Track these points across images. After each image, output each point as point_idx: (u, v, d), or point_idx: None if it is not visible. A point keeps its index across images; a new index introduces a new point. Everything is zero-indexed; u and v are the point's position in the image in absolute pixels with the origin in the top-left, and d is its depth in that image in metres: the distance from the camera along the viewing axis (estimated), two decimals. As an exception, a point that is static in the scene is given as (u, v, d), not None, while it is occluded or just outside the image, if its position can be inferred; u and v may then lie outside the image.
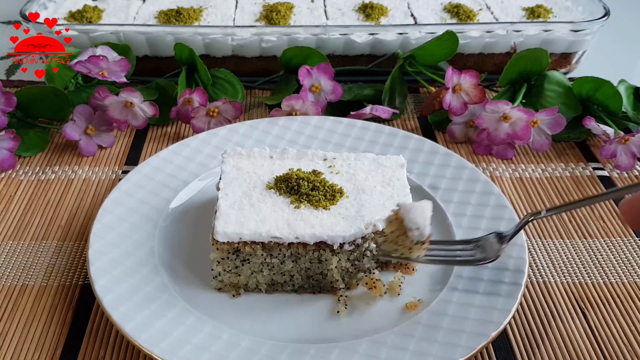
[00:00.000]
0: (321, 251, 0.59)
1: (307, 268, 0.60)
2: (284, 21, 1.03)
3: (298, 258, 0.59)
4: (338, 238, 0.58)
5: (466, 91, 0.85)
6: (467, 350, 0.53)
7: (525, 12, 1.08)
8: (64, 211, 0.75)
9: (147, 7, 1.09)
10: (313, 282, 0.61)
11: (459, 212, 0.69)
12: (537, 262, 0.68)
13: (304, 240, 0.58)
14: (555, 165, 0.84)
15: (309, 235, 0.58)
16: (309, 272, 0.60)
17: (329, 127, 0.82)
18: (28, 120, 0.87)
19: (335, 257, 0.59)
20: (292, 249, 0.59)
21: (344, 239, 0.58)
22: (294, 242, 0.58)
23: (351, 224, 0.59)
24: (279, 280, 0.61)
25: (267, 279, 0.61)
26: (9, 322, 0.60)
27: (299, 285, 0.61)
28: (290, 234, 0.58)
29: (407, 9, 1.10)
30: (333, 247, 0.58)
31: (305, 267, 0.60)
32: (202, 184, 0.74)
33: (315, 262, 0.60)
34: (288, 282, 0.61)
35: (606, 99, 0.87)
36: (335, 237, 0.58)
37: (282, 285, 0.62)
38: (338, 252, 0.59)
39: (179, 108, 0.87)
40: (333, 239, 0.58)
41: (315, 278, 0.61)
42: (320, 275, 0.61)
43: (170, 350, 0.53)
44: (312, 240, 0.58)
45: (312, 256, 0.59)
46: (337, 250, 0.59)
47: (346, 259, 0.60)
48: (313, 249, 0.58)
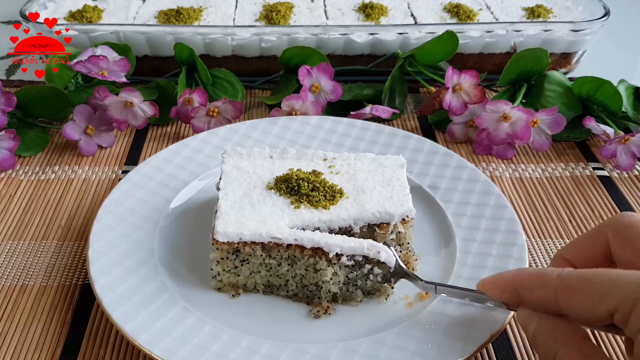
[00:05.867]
0: (317, 258, 0.57)
1: (302, 275, 0.59)
2: (284, 21, 1.03)
3: (294, 262, 0.58)
4: (335, 247, 0.57)
5: (466, 91, 0.85)
6: (467, 350, 0.53)
7: (525, 12, 1.08)
8: (64, 211, 0.75)
9: (147, 7, 1.09)
10: (307, 292, 0.60)
11: (459, 212, 0.69)
12: (537, 262, 0.68)
13: (302, 243, 0.57)
14: (555, 165, 0.84)
15: (307, 239, 0.57)
16: (303, 281, 0.59)
17: (329, 127, 0.82)
18: (28, 120, 0.87)
19: (330, 268, 0.58)
20: (289, 251, 0.58)
21: (342, 249, 0.57)
22: (292, 244, 0.57)
23: (352, 239, 0.58)
24: (275, 282, 0.61)
25: (264, 279, 0.61)
26: (8, 322, 0.60)
27: (293, 292, 0.61)
28: (290, 235, 0.57)
29: (407, 8, 1.10)
30: (329, 255, 0.57)
31: (300, 273, 0.59)
32: (202, 184, 0.74)
33: (311, 270, 0.58)
34: (283, 286, 0.61)
35: (606, 99, 0.87)
36: (332, 244, 0.57)
37: (278, 289, 0.61)
38: (334, 263, 0.58)
39: (179, 108, 0.87)
40: (330, 246, 0.57)
41: (310, 289, 0.60)
42: (314, 286, 0.59)
43: (170, 350, 0.53)
44: (309, 244, 0.57)
45: (308, 262, 0.58)
46: (333, 260, 0.57)
47: (345, 275, 0.59)
48: (309, 254, 0.57)
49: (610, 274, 0.42)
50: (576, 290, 0.43)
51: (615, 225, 0.48)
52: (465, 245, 0.65)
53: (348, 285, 0.60)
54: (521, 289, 0.47)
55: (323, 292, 0.59)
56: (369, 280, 0.59)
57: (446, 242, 0.67)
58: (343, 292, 0.60)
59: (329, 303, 0.60)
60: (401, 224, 0.61)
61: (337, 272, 0.58)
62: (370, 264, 0.58)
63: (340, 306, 0.60)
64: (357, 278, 0.59)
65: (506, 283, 0.49)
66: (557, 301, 0.44)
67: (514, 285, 0.48)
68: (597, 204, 0.77)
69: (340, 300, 0.60)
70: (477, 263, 0.63)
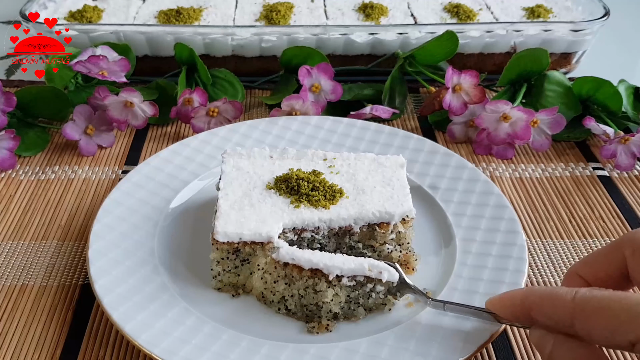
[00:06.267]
0: (316, 279, 0.56)
1: (301, 296, 0.57)
2: (284, 21, 1.03)
3: (292, 282, 0.57)
4: (335, 269, 0.55)
5: (466, 91, 0.85)
6: (467, 350, 0.53)
7: (525, 12, 1.08)
8: (64, 211, 0.75)
9: (147, 7, 1.09)
10: (307, 311, 0.58)
11: (459, 212, 0.69)
12: (537, 262, 0.68)
13: (300, 263, 0.55)
14: (555, 165, 0.84)
15: (305, 260, 0.55)
16: (302, 301, 0.58)
17: (329, 127, 0.82)
18: (28, 120, 0.87)
19: (331, 290, 0.56)
20: (286, 270, 0.57)
21: (342, 271, 0.55)
22: (289, 263, 0.56)
23: (352, 259, 0.56)
24: (269, 297, 0.59)
25: (257, 291, 0.60)
26: (8, 322, 0.60)
27: (292, 311, 0.58)
28: (287, 254, 0.56)
29: (407, 8, 1.10)
30: (328, 277, 0.55)
31: (298, 293, 0.57)
32: (202, 184, 0.74)
33: (310, 291, 0.57)
34: (276, 302, 0.59)
35: (606, 99, 0.87)
36: (332, 266, 0.55)
37: (271, 304, 0.59)
38: (335, 285, 0.56)
39: (179, 108, 0.87)
40: (329, 268, 0.55)
41: (310, 308, 0.58)
42: (314, 306, 0.57)
43: (170, 350, 0.53)
44: (307, 265, 0.55)
45: (307, 283, 0.56)
46: (333, 282, 0.56)
47: (346, 295, 0.57)
48: (308, 275, 0.56)
49: (630, 301, 0.39)
50: (593, 317, 0.41)
51: (633, 242, 0.45)
52: (465, 245, 0.65)
53: (350, 304, 0.58)
54: (532, 310, 0.45)
55: (324, 312, 0.58)
56: (371, 297, 0.58)
57: (446, 242, 0.67)
58: (345, 310, 0.58)
59: (328, 321, 0.58)
60: (401, 224, 0.61)
61: (338, 292, 0.57)
62: (372, 283, 0.57)
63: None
64: (359, 297, 0.58)
65: (516, 304, 0.47)
66: (573, 325, 0.42)
67: (523, 306, 0.46)
68: (597, 204, 0.77)
69: (342, 318, 0.59)
70: (477, 263, 0.63)
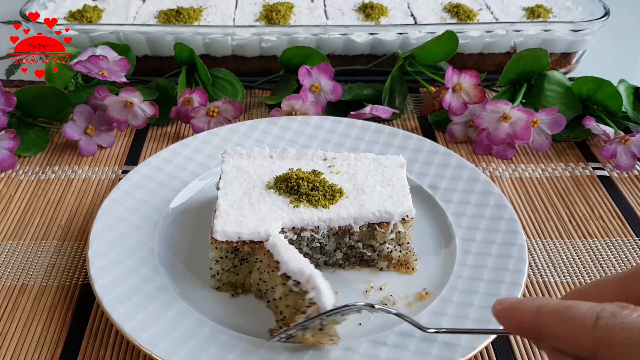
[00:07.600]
0: (284, 277, 0.54)
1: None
2: (284, 21, 1.03)
3: (274, 273, 0.57)
4: (287, 266, 0.53)
5: (466, 91, 0.85)
6: (467, 350, 0.53)
7: (525, 12, 1.08)
8: (64, 211, 0.75)
9: (147, 7, 1.09)
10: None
11: (459, 212, 0.69)
12: (537, 262, 0.68)
13: (278, 255, 0.55)
14: (555, 165, 0.84)
15: (283, 254, 0.55)
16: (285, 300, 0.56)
17: (329, 127, 0.82)
18: (28, 120, 0.87)
19: (280, 288, 0.55)
20: (270, 260, 0.57)
21: (288, 271, 0.53)
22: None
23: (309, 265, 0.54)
24: (263, 289, 0.60)
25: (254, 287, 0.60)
26: (8, 322, 0.60)
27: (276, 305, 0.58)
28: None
29: (407, 8, 1.10)
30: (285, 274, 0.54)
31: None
32: (202, 183, 0.74)
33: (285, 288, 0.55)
34: (264, 293, 0.60)
35: (606, 98, 0.87)
36: (290, 265, 0.53)
37: (264, 295, 0.60)
38: (284, 283, 0.54)
39: (179, 108, 0.87)
40: (287, 264, 0.54)
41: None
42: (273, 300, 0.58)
43: (170, 350, 0.53)
44: (277, 257, 0.55)
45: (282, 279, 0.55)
46: (283, 280, 0.54)
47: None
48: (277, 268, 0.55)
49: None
50: (619, 355, 0.36)
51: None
52: (465, 245, 0.65)
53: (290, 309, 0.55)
54: (545, 329, 0.40)
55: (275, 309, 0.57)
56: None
57: (446, 242, 0.67)
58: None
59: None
60: (401, 224, 0.61)
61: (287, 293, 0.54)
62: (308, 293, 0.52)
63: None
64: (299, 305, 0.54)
65: (525, 321, 0.42)
66: (596, 357, 0.37)
67: (535, 326, 0.41)
68: (597, 204, 0.77)
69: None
70: (477, 263, 0.63)
